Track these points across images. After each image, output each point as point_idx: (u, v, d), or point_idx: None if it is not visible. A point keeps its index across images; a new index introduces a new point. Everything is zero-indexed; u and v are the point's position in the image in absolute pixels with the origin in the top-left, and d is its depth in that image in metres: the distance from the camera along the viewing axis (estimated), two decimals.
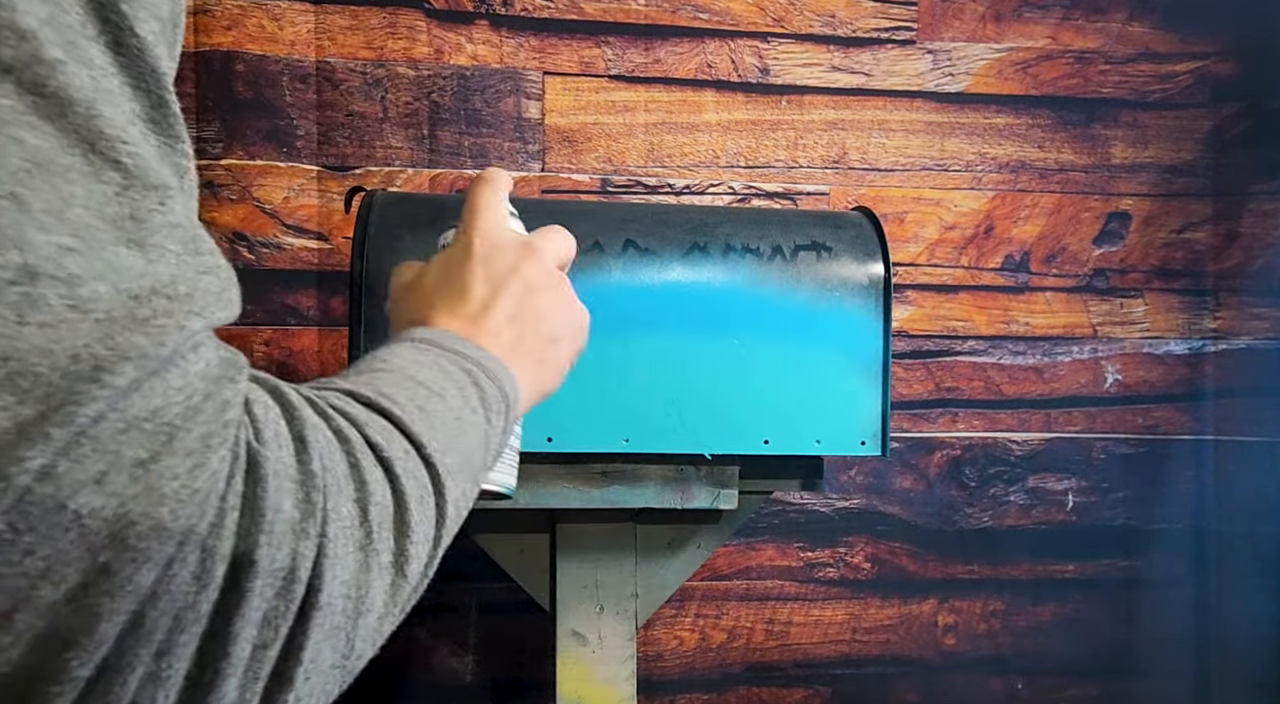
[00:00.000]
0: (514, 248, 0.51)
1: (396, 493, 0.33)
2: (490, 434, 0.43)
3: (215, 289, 0.26)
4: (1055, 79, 1.34)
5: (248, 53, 1.15)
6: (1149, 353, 1.38)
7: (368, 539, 0.31)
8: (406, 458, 0.35)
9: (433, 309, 0.49)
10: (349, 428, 0.33)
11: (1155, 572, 1.38)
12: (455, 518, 0.38)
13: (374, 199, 0.86)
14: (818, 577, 1.32)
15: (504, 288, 0.49)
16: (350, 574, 0.30)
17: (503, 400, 0.44)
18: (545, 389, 0.51)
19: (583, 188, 1.25)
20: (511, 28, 1.22)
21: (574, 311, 0.53)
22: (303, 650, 0.28)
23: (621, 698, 0.96)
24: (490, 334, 0.47)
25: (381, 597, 0.32)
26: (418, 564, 0.34)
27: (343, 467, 0.31)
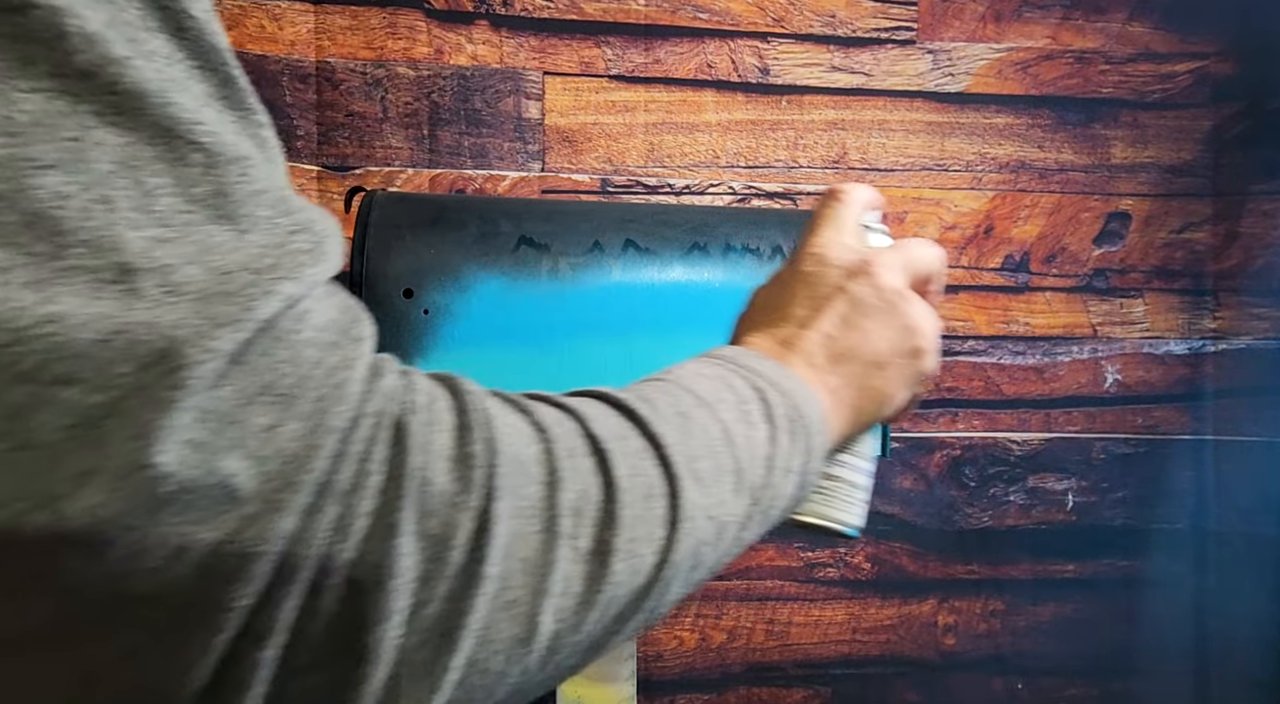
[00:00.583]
0: (845, 265, 0.48)
1: (607, 485, 0.33)
2: (776, 452, 0.41)
3: (307, 247, 0.27)
4: (1055, 79, 1.34)
5: (248, 53, 1.15)
6: (1149, 353, 1.38)
7: (553, 522, 0.31)
8: (637, 456, 0.35)
9: (750, 329, 0.48)
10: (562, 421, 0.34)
11: (1155, 572, 1.38)
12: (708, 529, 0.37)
13: (374, 199, 0.86)
14: (818, 577, 1.32)
15: (825, 308, 0.47)
16: (531, 551, 0.31)
17: (798, 421, 0.42)
18: (867, 417, 0.48)
19: (583, 188, 1.25)
20: (511, 28, 1.22)
21: (910, 333, 0.48)
22: (466, 615, 0.29)
23: (621, 698, 0.96)
24: (801, 355, 0.45)
25: (578, 583, 0.32)
26: (632, 560, 0.33)
27: (531, 452, 0.32)
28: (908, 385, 0.50)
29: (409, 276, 0.82)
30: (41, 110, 0.23)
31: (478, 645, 0.29)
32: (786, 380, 0.43)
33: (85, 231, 0.23)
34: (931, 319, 0.50)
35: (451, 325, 0.81)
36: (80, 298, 0.22)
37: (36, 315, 0.22)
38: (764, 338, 0.47)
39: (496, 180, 1.23)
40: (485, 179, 1.22)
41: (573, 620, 0.32)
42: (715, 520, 0.37)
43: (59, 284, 0.22)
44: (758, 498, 0.40)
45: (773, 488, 0.41)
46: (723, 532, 0.38)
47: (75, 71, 0.23)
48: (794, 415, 0.42)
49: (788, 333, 0.47)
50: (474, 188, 1.22)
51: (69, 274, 0.22)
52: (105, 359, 0.22)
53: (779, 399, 0.42)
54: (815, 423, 0.43)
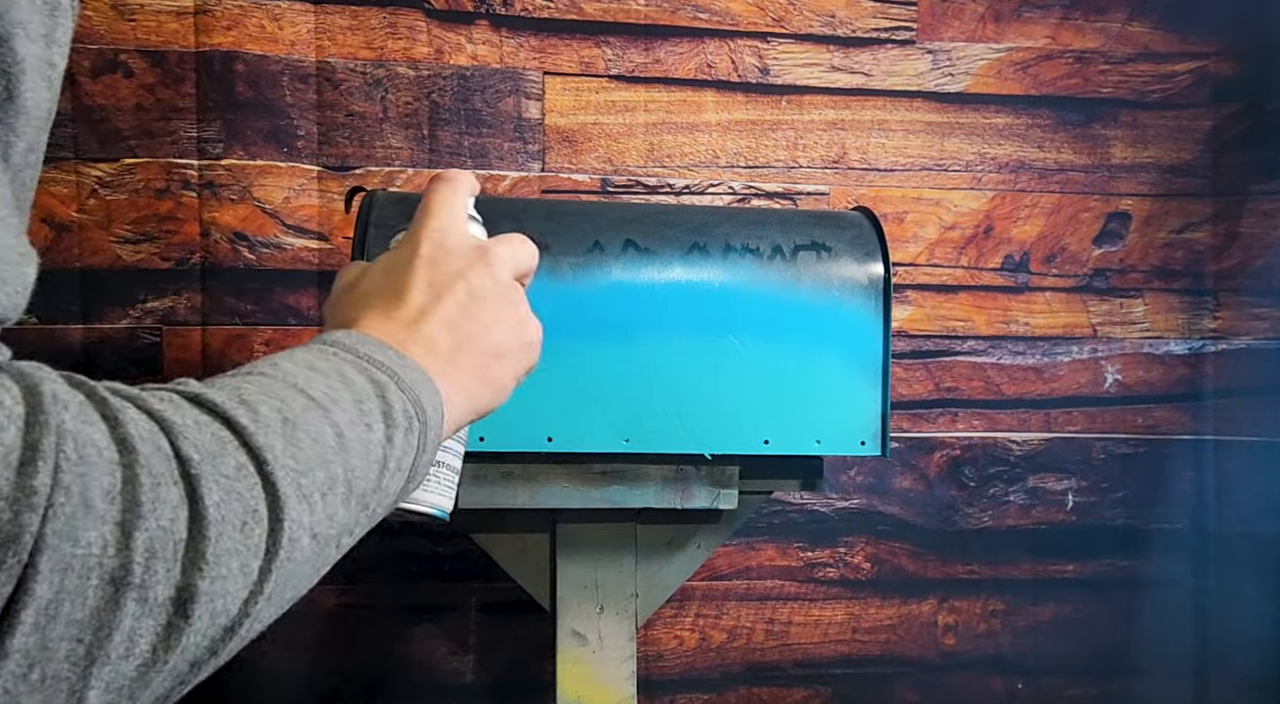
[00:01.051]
0: (464, 252, 0.47)
1: (195, 518, 0.29)
2: (391, 453, 0.38)
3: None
4: (1055, 79, 1.34)
5: (248, 53, 1.15)
6: (1149, 353, 1.38)
7: (122, 571, 0.26)
8: (236, 475, 0.31)
9: (366, 311, 0.45)
10: (151, 436, 0.29)
11: (1155, 572, 1.38)
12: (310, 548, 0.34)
13: (374, 199, 0.86)
14: (818, 577, 1.32)
15: (446, 294, 0.45)
16: (85, 613, 0.26)
17: (417, 417, 0.40)
18: (483, 407, 0.47)
19: (583, 188, 1.25)
20: (511, 28, 1.22)
21: (524, 326, 0.49)
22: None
23: (621, 698, 0.96)
24: (422, 342, 0.44)
25: (145, 639, 0.27)
26: (220, 601, 0.29)
27: (105, 481, 0.27)
28: (517, 377, 0.49)
29: None
30: None
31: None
32: (409, 372, 0.41)
33: None
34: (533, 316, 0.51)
35: None
36: None
37: None
38: (382, 321, 0.44)
39: (496, 180, 1.23)
40: (485, 179, 1.22)
41: (132, 687, 0.28)
42: (319, 537, 0.34)
43: None
44: (366, 503, 0.38)
45: (382, 490, 0.39)
46: (326, 546, 0.35)
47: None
48: (413, 411, 0.40)
49: (407, 316, 0.44)
50: None
51: None
52: None
53: (399, 395, 0.40)
54: (433, 417, 0.42)
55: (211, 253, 1.16)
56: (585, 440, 0.85)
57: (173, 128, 1.14)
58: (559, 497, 0.88)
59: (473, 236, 0.50)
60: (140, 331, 1.15)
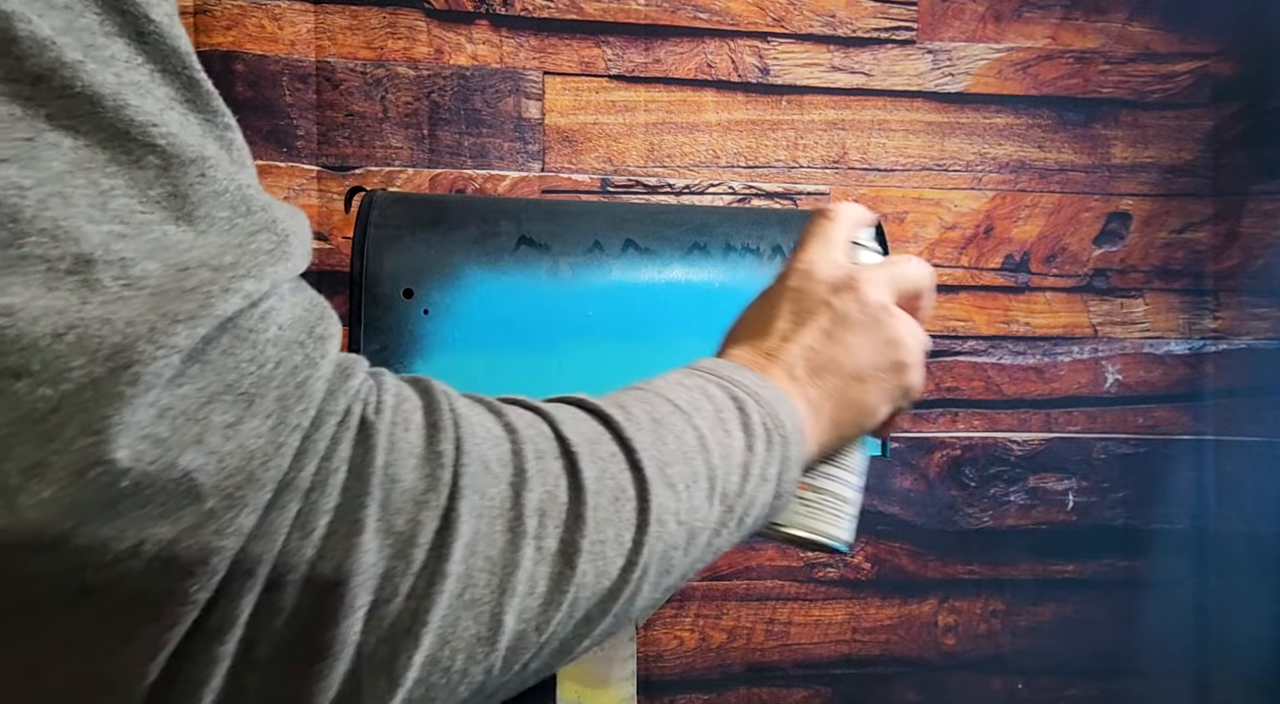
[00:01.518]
0: (831, 280, 0.49)
1: (575, 487, 0.34)
2: (753, 460, 0.41)
3: (268, 246, 0.27)
4: (1055, 79, 1.34)
5: (247, 53, 1.15)
6: (1149, 353, 1.38)
7: (518, 522, 0.32)
8: (609, 459, 0.35)
9: (735, 342, 0.49)
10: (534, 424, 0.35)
11: (1155, 572, 1.38)
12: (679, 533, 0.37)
13: (374, 199, 0.86)
14: (818, 577, 1.32)
15: (809, 321, 0.48)
16: (496, 551, 0.31)
17: (776, 431, 0.42)
18: (847, 429, 0.48)
19: (583, 188, 1.25)
20: (511, 28, 1.22)
21: (895, 348, 0.49)
22: (428, 613, 0.29)
23: (621, 698, 0.96)
24: (782, 366, 0.46)
25: (543, 582, 0.32)
26: (598, 562, 0.34)
27: (498, 452, 0.32)
28: (889, 399, 0.50)
29: (409, 276, 0.82)
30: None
31: (439, 643, 0.29)
32: (765, 390, 0.44)
33: (43, 220, 0.23)
34: (917, 335, 0.51)
35: (451, 325, 0.81)
36: (35, 289, 0.22)
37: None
38: (746, 350, 0.48)
39: (496, 180, 1.23)
40: (485, 179, 1.22)
41: (537, 621, 0.32)
42: (686, 525, 0.38)
43: (14, 273, 0.22)
44: (731, 505, 0.40)
45: (747, 496, 0.41)
46: (694, 537, 0.38)
47: (28, 76, 0.23)
48: (771, 425, 0.42)
49: (770, 345, 0.47)
50: (474, 188, 1.22)
51: (25, 263, 0.22)
52: (57, 353, 0.22)
53: (756, 408, 0.42)
54: (793, 433, 0.44)
55: None
56: None
57: None
58: None
59: (846, 265, 0.51)
60: None
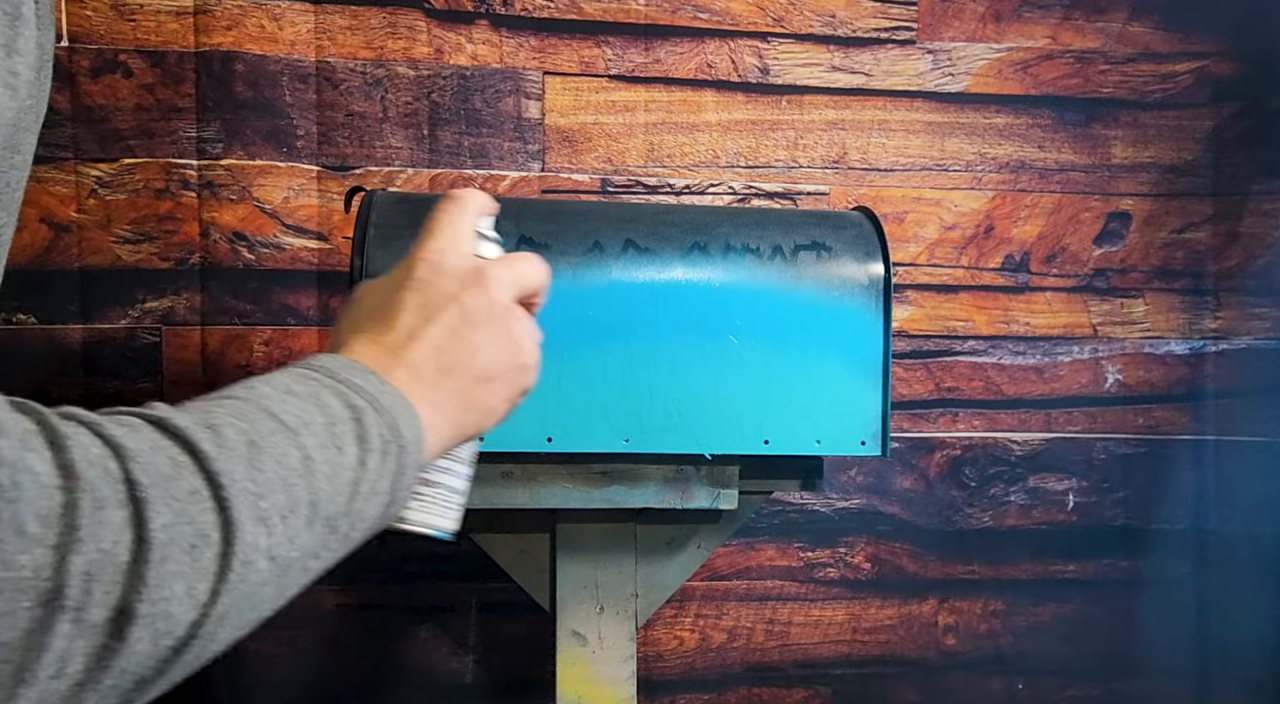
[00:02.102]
0: (460, 274, 0.47)
1: (140, 540, 0.30)
2: (364, 475, 0.39)
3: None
4: (1055, 79, 1.34)
5: (248, 53, 1.15)
6: (1149, 353, 1.38)
7: (55, 594, 0.27)
8: (188, 499, 0.32)
9: (356, 334, 0.46)
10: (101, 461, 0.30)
11: (1156, 572, 1.38)
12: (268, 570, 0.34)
13: (374, 199, 0.86)
14: (818, 577, 1.32)
15: (436, 317, 0.46)
16: (14, 635, 0.27)
17: (394, 441, 0.41)
18: (469, 429, 0.48)
19: (583, 188, 1.25)
20: (511, 28, 1.22)
21: (518, 349, 0.48)
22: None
23: (621, 698, 0.96)
24: (406, 366, 0.44)
25: (79, 661, 0.28)
26: (161, 623, 0.30)
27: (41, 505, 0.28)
28: (510, 399, 0.49)
29: None
30: None
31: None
32: (385, 396, 0.42)
33: None
34: (535, 336, 0.50)
35: None
36: None
37: None
38: (369, 346, 0.45)
39: (496, 180, 1.23)
40: (485, 179, 1.22)
41: None
42: (278, 560, 0.35)
43: None
44: (335, 526, 0.38)
45: (355, 513, 0.39)
46: (287, 569, 0.36)
47: None
48: (389, 435, 0.41)
49: (395, 340, 0.45)
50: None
51: None
52: None
53: (375, 419, 0.40)
54: (411, 442, 0.42)
55: (211, 253, 1.16)
56: (585, 440, 0.85)
57: (172, 128, 1.14)
58: (559, 497, 0.88)
59: (473, 258, 0.49)
60: (140, 332, 1.15)
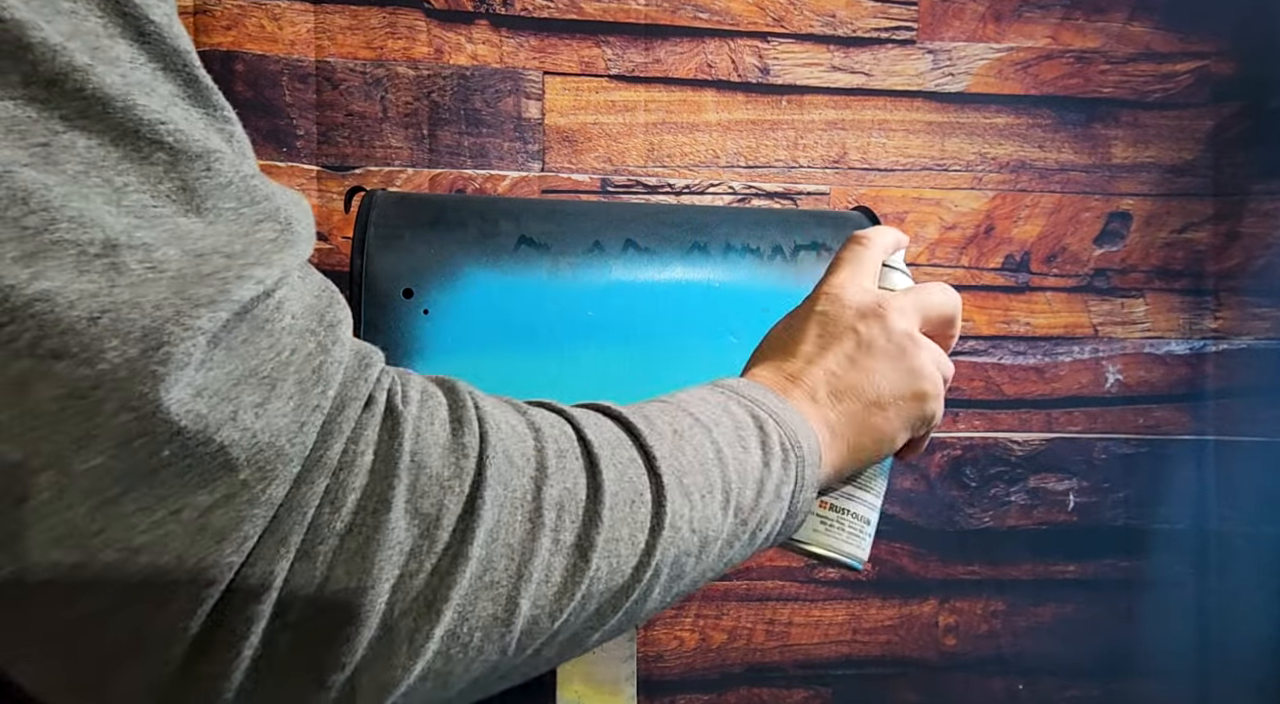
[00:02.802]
0: (859, 306, 0.50)
1: (594, 486, 0.35)
2: (769, 477, 0.42)
3: (272, 235, 0.29)
4: (1055, 79, 1.34)
5: (247, 53, 1.15)
6: (1150, 353, 1.38)
7: (537, 514, 0.33)
8: (628, 464, 0.37)
9: (760, 362, 0.50)
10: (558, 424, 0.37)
11: (1157, 572, 1.38)
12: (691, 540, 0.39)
13: (374, 199, 0.86)
14: (818, 577, 1.32)
15: (833, 346, 0.49)
16: (515, 539, 0.33)
17: (793, 451, 0.44)
18: (864, 454, 0.49)
19: (583, 188, 1.25)
20: (511, 28, 1.22)
21: (914, 377, 0.50)
22: (450, 590, 0.30)
23: (621, 698, 0.96)
24: (804, 390, 0.48)
25: (558, 572, 0.34)
26: (611, 558, 0.35)
27: (521, 447, 0.34)
28: (908, 427, 0.51)
29: (409, 276, 0.82)
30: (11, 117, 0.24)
31: (458, 620, 0.31)
32: (785, 412, 0.45)
33: (70, 209, 0.24)
34: (941, 364, 0.52)
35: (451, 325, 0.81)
36: (68, 273, 0.24)
37: (28, 294, 0.23)
38: (770, 371, 0.49)
39: (496, 180, 1.23)
40: (485, 179, 1.22)
41: (551, 608, 0.34)
42: (699, 533, 0.39)
43: (49, 258, 0.24)
44: (745, 518, 0.42)
45: (761, 510, 0.42)
46: (706, 545, 0.40)
47: (42, 81, 0.25)
48: (789, 445, 0.44)
49: (794, 367, 0.49)
50: (474, 188, 1.22)
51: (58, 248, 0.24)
52: (93, 336, 0.24)
53: (775, 428, 0.43)
54: (810, 454, 0.45)
55: None
56: None
57: None
58: None
59: (874, 291, 0.52)
60: None
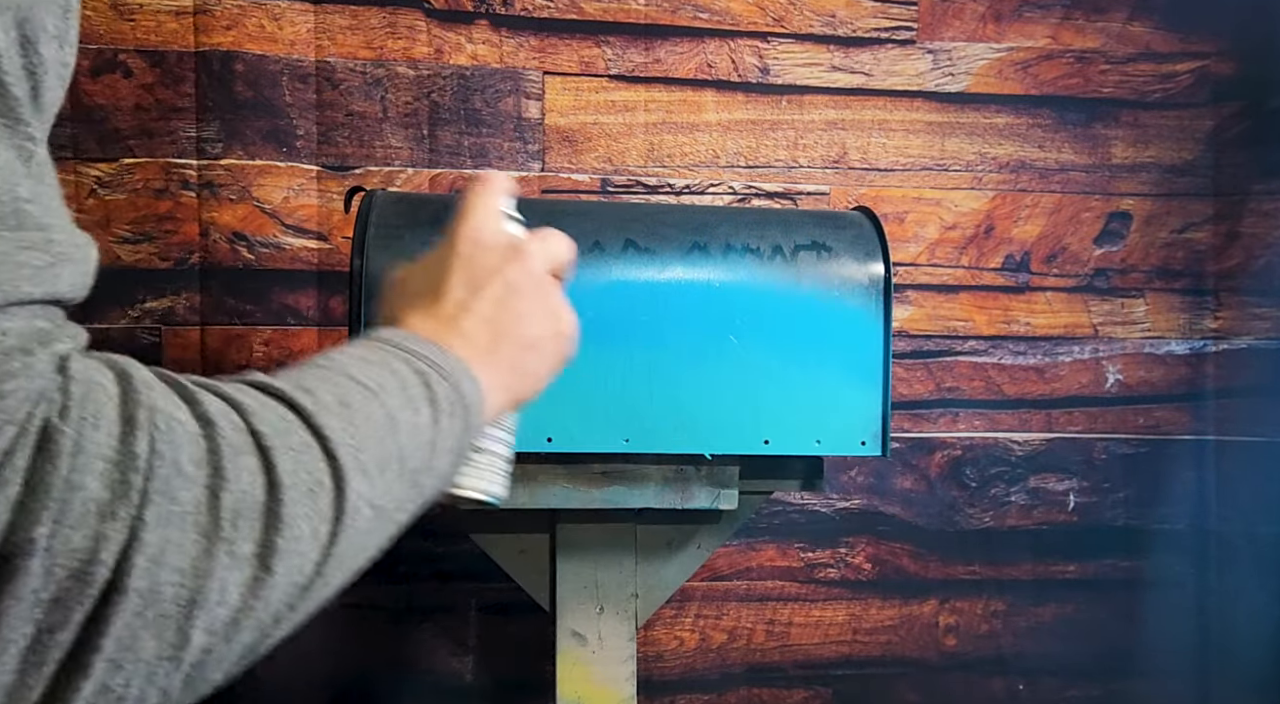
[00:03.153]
0: (500, 249, 0.50)
1: (271, 483, 0.32)
2: (439, 435, 0.42)
3: (37, 264, 0.27)
4: (1055, 79, 1.34)
5: (247, 53, 1.15)
6: (1150, 353, 1.38)
7: (214, 527, 0.30)
8: (302, 449, 0.34)
9: (408, 310, 0.48)
10: (227, 414, 0.33)
11: (1156, 572, 1.38)
12: (370, 518, 0.37)
13: (374, 199, 0.86)
14: (818, 577, 1.32)
15: (483, 290, 0.49)
16: (186, 561, 0.29)
17: (459, 403, 0.43)
18: (519, 395, 0.50)
19: (583, 188, 1.25)
20: (511, 27, 1.22)
21: (558, 318, 0.52)
22: (103, 637, 0.27)
23: (621, 698, 0.96)
24: (460, 336, 0.47)
25: (235, 590, 0.31)
26: (296, 559, 0.33)
27: (192, 450, 0.31)
28: (553, 367, 0.52)
29: None
30: None
31: (112, 670, 0.28)
32: (448, 363, 0.44)
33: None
34: (569, 307, 0.53)
35: None
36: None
37: None
38: (425, 319, 0.48)
39: None
40: None
41: (226, 631, 0.31)
42: (378, 508, 0.38)
43: None
44: (419, 480, 0.41)
45: (433, 469, 0.42)
46: (383, 518, 0.39)
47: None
48: (455, 397, 0.43)
49: (447, 312, 0.48)
50: None
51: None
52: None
53: (441, 382, 0.43)
54: (474, 403, 0.45)
55: (210, 253, 1.16)
56: (585, 440, 0.85)
57: (172, 128, 1.14)
58: (559, 497, 0.88)
59: (508, 233, 0.52)
60: (139, 331, 1.15)
